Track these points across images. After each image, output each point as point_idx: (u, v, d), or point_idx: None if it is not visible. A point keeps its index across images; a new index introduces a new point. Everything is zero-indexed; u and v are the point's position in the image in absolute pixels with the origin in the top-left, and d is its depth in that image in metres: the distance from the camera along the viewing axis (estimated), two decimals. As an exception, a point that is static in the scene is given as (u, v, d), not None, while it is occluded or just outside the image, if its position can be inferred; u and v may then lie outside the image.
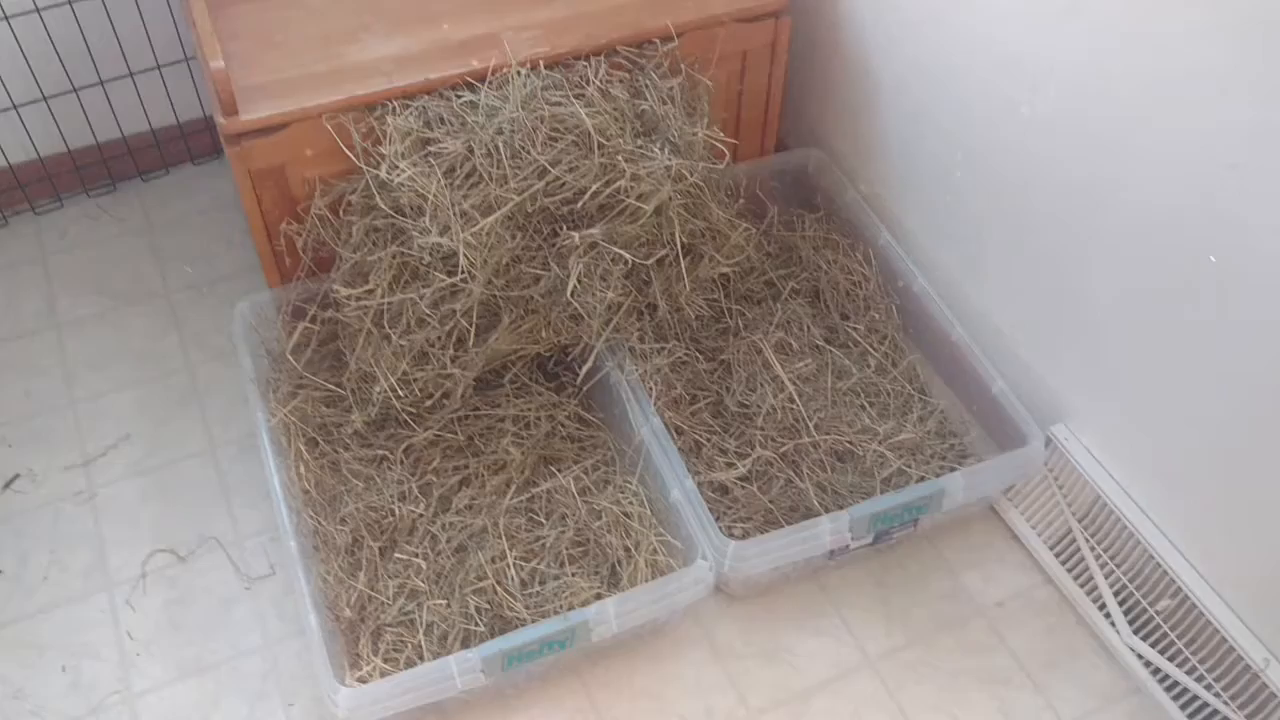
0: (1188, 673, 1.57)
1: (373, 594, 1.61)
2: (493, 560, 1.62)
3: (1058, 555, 1.73)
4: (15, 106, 2.10)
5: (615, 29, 1.77)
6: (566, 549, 1.66)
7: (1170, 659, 1.59)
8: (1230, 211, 1.33)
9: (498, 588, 1.60)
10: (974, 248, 1.81)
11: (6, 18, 1.98)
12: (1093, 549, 1.68)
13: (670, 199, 1.67)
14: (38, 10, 2.00)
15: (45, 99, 2.11)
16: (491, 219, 1.59)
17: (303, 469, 1.71)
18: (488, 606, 1.59)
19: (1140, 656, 1.61)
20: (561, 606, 1.58)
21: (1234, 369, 1.40)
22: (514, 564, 1.62)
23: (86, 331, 2.06)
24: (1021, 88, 1.58)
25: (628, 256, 1.66)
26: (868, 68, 1.92)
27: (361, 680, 1.52)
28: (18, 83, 2.08)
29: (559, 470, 1.74)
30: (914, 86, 1.82)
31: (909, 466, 1.75)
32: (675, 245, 1.71)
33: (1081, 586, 1.69)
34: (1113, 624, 1.65)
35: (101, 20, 2.06)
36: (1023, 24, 1.54)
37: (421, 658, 1.54)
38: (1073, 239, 1.58)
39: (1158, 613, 1.60)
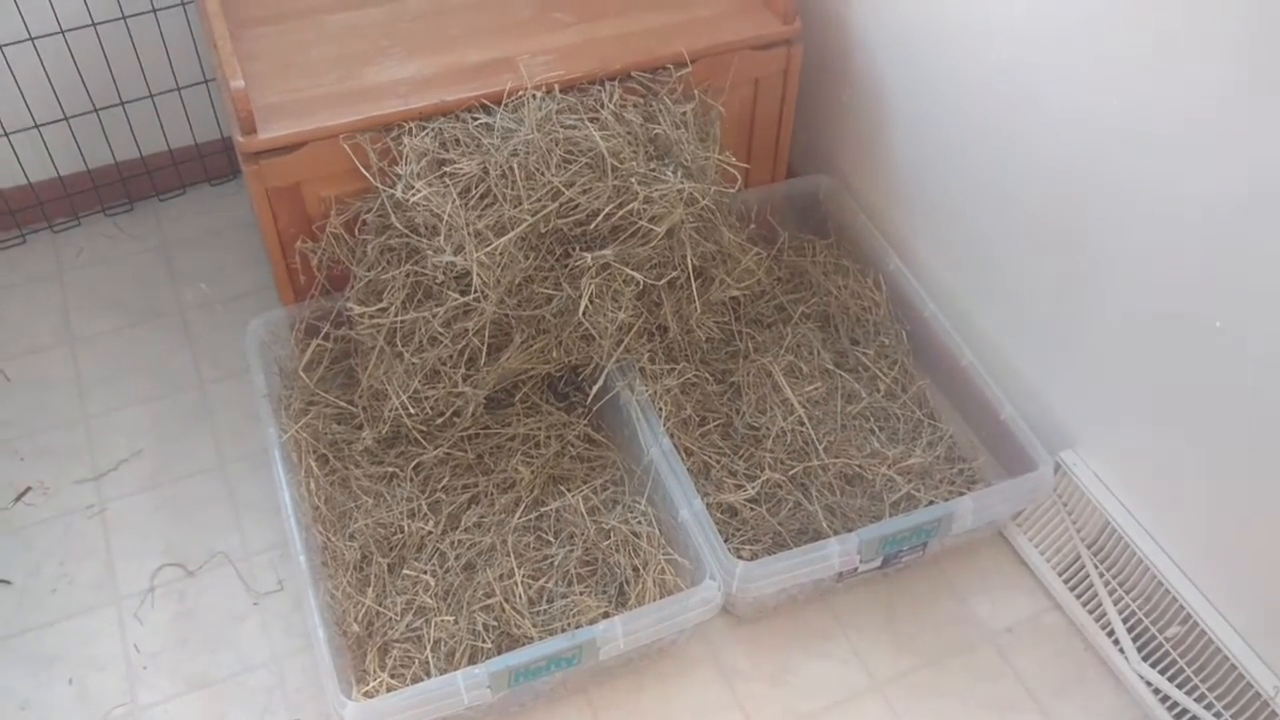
0: (1196, 700, 1.56)
1: (381, 610, 1.61)
2: (501, 578, 1.63)
3: (1066, 581, 1.72)
4: (37, 125, 2.13)
5: (629, 54, 1.80)
6: (575, 568, 1.66)
7: (1179, 686, 1.58)
8: (1238, 239, 1.34)
9: (505, 605, 1.60)
10: (984, 274, 1.82)
11: (31, 39, 2.02)
12: (1101, 575, 1.68)
13: (682, 222, 1.69)
14: (62, 32, 2.03)
15: (66, 118, 2.14)
16: (505, 239, 1.60)
17: (313, 485, 1.72)
18: (495, 624, 1.59)
19: (1149, 684, 1.61)
20: (569, 625, 1.58)
21: (1244, 395, 1.40)
22: (522, 582, 1.62)
23: (100, 348, 2.08)
24: (1032, 116, 1.60)
25: (639, 278, 1.67)
26: (878, 95, 1.94)
27: (368, 695, 1.52)
28: (39, 102, 2.11)
29: (568, 489, 1.75)
30: (924, 114, 1.84)
31: (918, 491, 1.76)
32: (686, 268, 1.72)
33: (1090, 613, 1.69)
34: (1121, 651, 1.64)
35: (124, 42, 2.09)
36: (1034, 51, 1.56)
37: (429, 674, 1.54)
38: (1083, 266, 1.59)
39: (1167, 640, 1.60)
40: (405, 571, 1.65)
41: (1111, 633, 1.66)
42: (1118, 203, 1.50)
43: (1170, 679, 1.59)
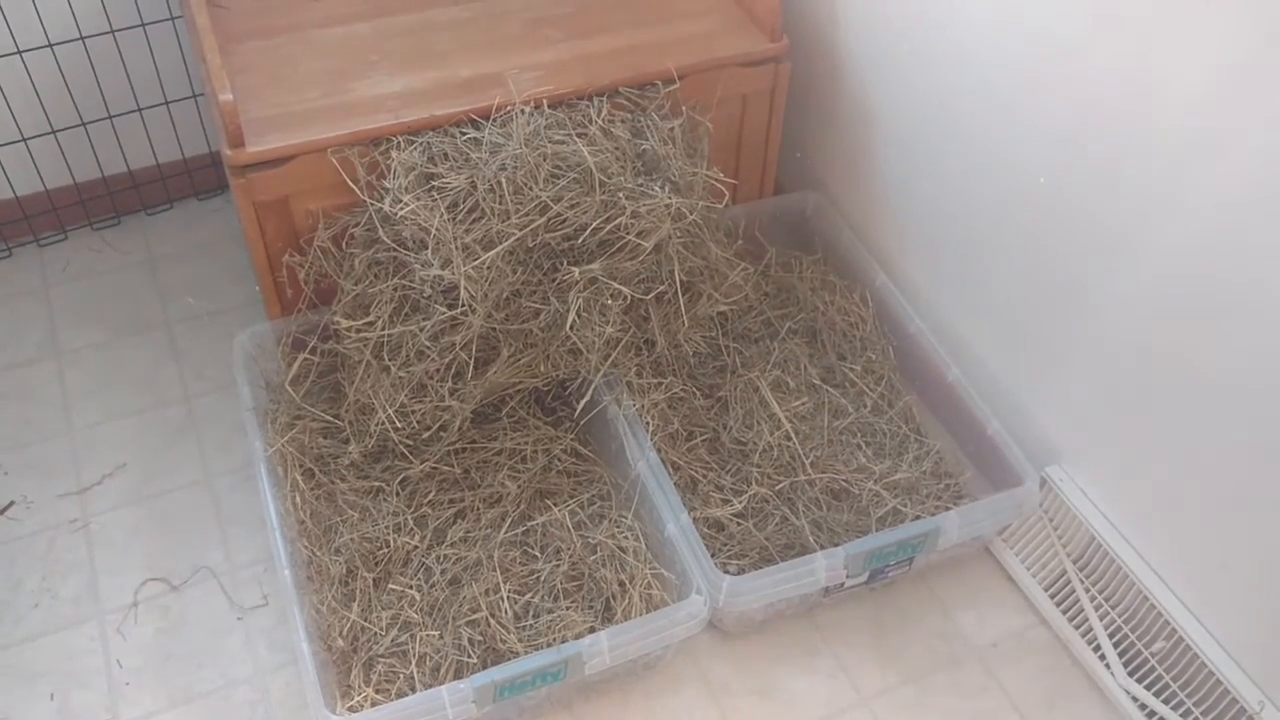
0: (1182, 716, 1.56)
1: (366, 625, 1.60)
2: (487, 593, 1.62)
3: (1052, 596, 1.73)
4: (24, 139, 2.12)
5: (617, 70, 1.81)
6: (561, 582, 1.65)
7: (1165, 701, 1.58)
8: (1228, 250, 1.34)
9: (491, 620, 1.59)
10: (970, 290, 1.83)
11: (19, 51, 2.01)
12: (1087, 590, 1.68)
13: (670, 237, 1.69)
14: (50, 45, 2.03)
15: (54, 132, 2.14)
16: (493, 253, 1.60)
17: (299, 499, 1.71)
18: (481, 639, 1.58)
19: (1135, 699, 1.61)
20: (555, 639, 1.57)
21: (1231, 412, 1.40)
22: (508, 596, 1.62)
23: (86, 361, 2.07)
24: (1019, 133, 1.61)
25: (627, 292, 1.67)
26: (866, 112, 1.95)
27: (352, 710, 1.51)
28: (27, 115, 2.10)
29: (554, 504, 1.74)
30: (911, 131, 1.85)
31: (904, 506, 1.76)
32: (674, 282, 1.73)
33: (1076, 628, 1.69)
34: (1107, 666, 1.64)
35: (112, 56, 2.09)
36: (1021, 69, 1.57)
37: (413, 689, 1.53)
38: (1070, 282, 1.60)
39: (1152, 655, 1.60)
40: (391, 586, 1.64)
41: (1097, 648, 1.66)
42: (1105, 219, 1.50)
43: (1156, 694, 1.59)
